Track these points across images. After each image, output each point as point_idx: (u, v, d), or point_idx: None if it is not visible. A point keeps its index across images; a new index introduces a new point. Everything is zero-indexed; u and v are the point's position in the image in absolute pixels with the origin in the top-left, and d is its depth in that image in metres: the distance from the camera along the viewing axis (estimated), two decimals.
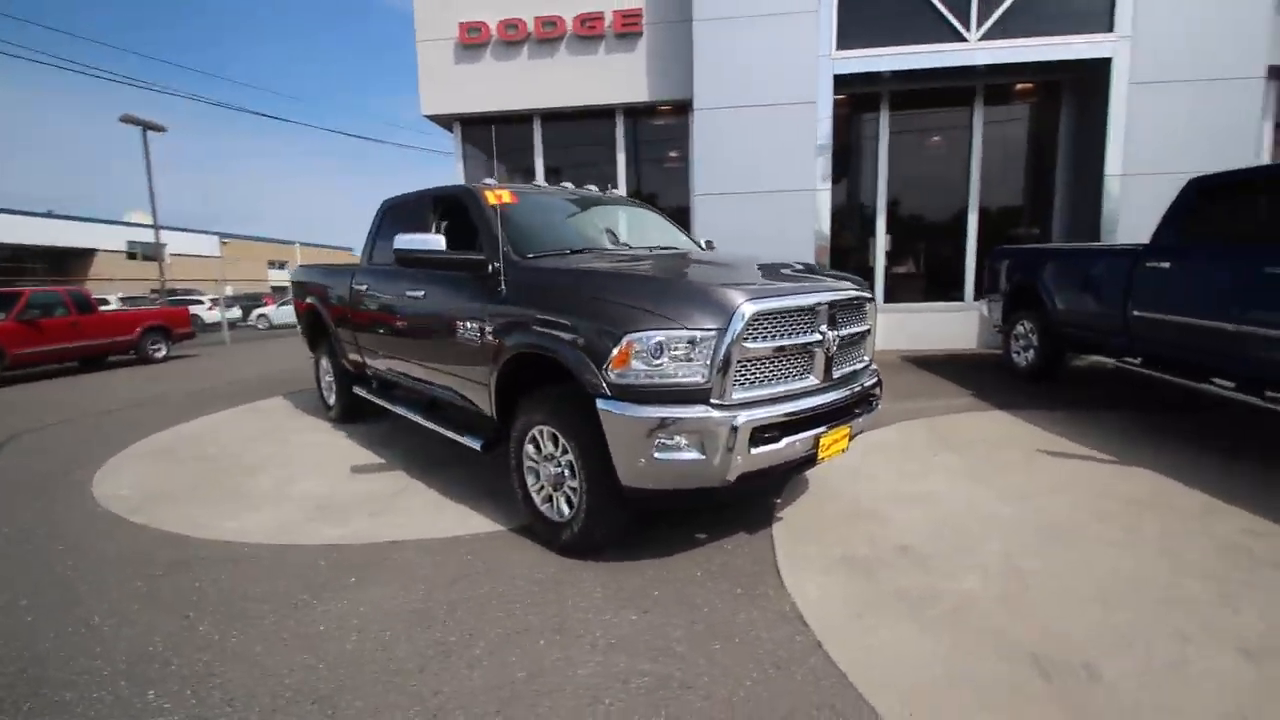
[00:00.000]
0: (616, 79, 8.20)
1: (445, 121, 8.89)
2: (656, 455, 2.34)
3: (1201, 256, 4.16)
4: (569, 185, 4.25)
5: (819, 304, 2.65)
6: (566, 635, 2.18)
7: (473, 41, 8.32)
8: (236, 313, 18.20)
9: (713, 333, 2.35)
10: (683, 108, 8.38)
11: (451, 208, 3.72)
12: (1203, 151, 6.83)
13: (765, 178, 7.57)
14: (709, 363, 2.35)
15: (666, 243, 3.93)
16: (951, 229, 8.34)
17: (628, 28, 8.06)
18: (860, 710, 1.78)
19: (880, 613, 2.27)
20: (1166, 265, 4.34)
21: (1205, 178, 4.36)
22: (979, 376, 6.34)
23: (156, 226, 20.46)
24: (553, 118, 8.67)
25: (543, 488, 2.87)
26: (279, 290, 34.77)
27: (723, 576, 2.56)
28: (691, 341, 2.34)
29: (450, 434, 3.50)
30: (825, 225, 7.66)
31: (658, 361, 2.34)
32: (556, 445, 2.74)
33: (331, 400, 5.35)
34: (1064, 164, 8.03)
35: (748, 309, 2.38)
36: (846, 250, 8.34)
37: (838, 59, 7.38)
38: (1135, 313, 4.57)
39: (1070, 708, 1.77)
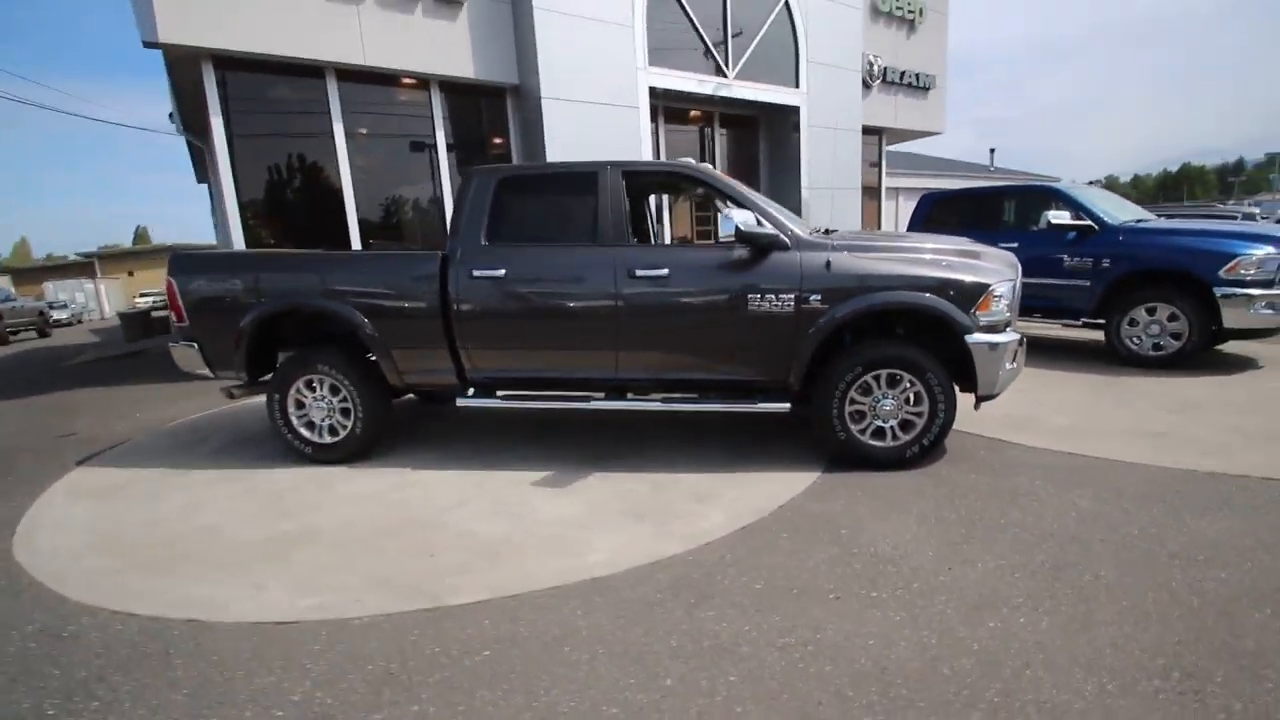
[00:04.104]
0: (435, 47, 7.40)
1: (184, 57, 6.32)
2: (1008, 367, 3.38)
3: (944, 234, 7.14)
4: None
5: None
6: (1040, 499, 3.05)
7: None
8: None
9: (1013, 281, 3.49)
10: (502, 92, 8.15)
11: (663, 184, 3.60)
12: (844, 176, 10.73)
13: None
14: (1012, 301, 3.49)
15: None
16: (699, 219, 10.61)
17: None
18: (1205, 476, 3.23)
19: (1124, 445, 3.70)
20: None
21: (942, 193, 7.42)
22: None
23: None
24: (354, 77, 7.19)
25: (868, 425, 3.47)
26: None
27: (1020, 456, 3.68)
28: (1014, 289, 3.44)
29: (742, 407, 3.58)
30: None
31: (1000, 304, 3.37)
32: (895, 385, 3.41)
33: (329, 438, 3.88)
34: (765, 178, 11.16)
35: (1020, 265, 3.62)
36: None
37: (652, 72, 8.54)
38: None
39: (1254, 446, 3.58)
